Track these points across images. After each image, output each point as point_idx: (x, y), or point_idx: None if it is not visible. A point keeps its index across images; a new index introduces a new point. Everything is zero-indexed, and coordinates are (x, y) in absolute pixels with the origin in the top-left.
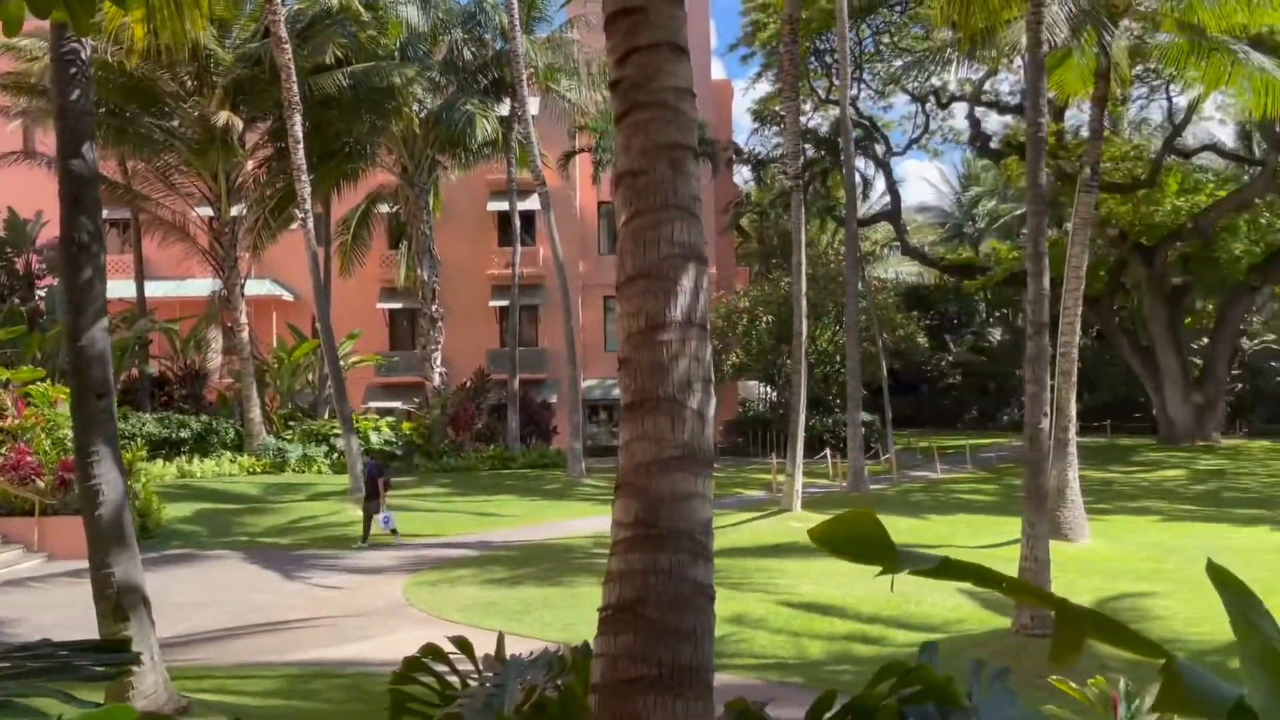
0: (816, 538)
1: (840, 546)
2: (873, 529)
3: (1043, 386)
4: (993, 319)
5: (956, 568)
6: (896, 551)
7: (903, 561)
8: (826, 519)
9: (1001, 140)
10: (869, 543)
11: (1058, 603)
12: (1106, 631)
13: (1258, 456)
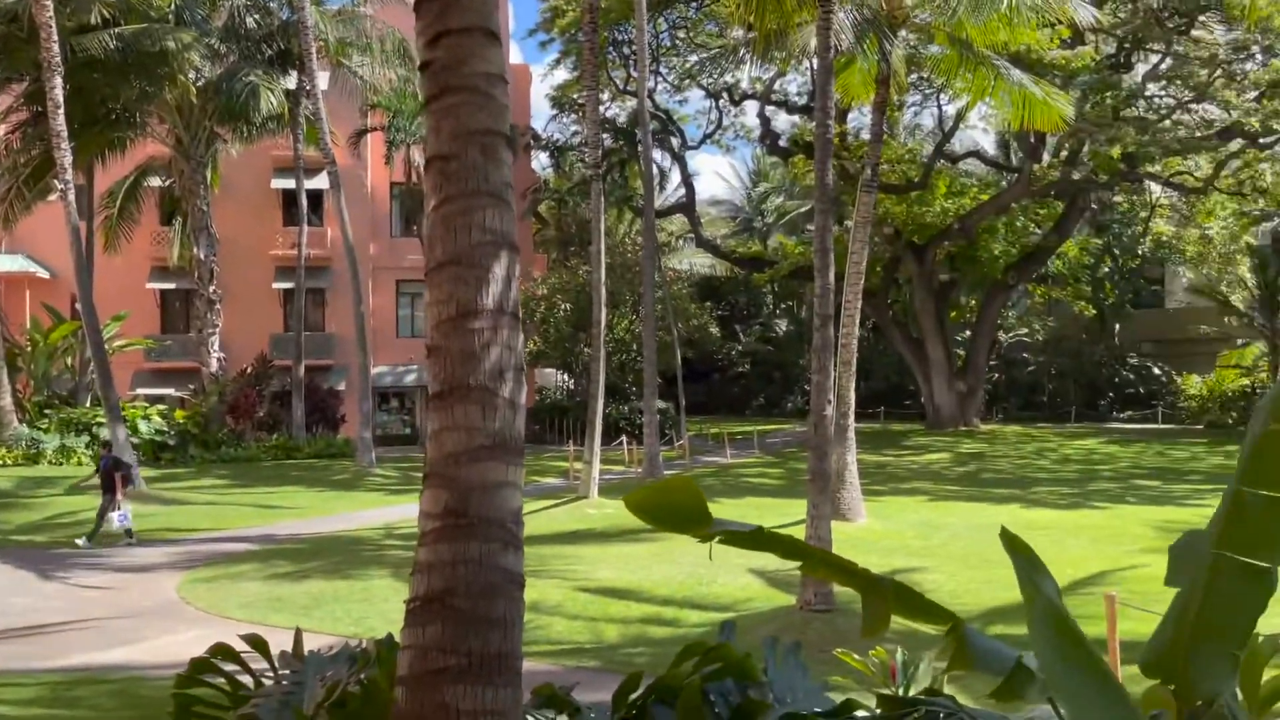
0: (633, 506)
1: (657, 515)
2: (690, 496)
3: (827, 375)
4: (779, 310)
5: (769, 538)
6: (713, 519)
7: (718, 528)
8: (647, 486)
9: (790, 139)
10: (686, 510)
11: (863, 575)
12: (904, 601)
13: (1011, 440)
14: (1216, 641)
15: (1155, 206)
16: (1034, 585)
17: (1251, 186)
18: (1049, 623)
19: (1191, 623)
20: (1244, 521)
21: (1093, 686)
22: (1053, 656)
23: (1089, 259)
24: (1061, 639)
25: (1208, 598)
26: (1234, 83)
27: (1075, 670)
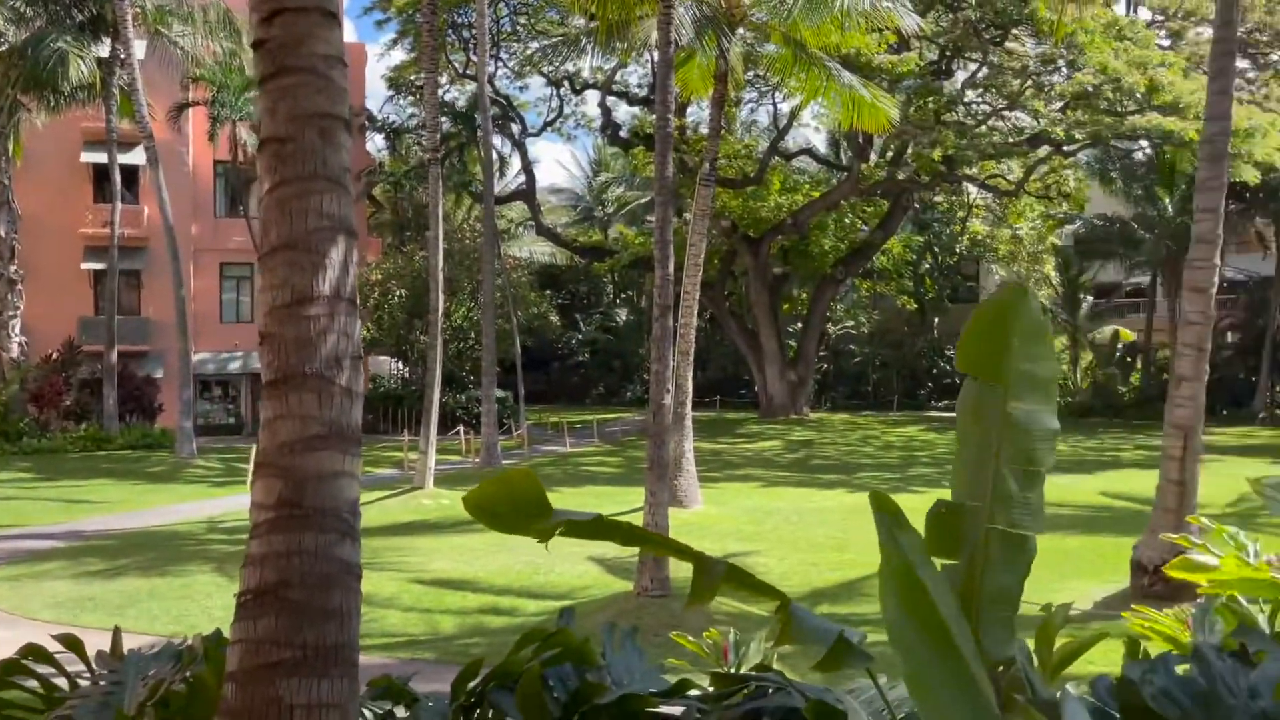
0: (472, 504)
1: (496, 510)
2: (530, 489)
3: (666, 365)
4: (620, 300)
5: (608, 526)
6: (552, 510)
7: (558, 519)
8: (486, 481)
9: (630, 130)
10: (526, 503)
11: (695, 555)
12: (734, 580)
13: (838, 428)
14: (997, 609)
15: (972, 207)
16: (894, 543)
17: (1057, 191)
18: (901, 578)
19: (977, 594)
20: (1006, 496)
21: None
22: (898, 608)
23: (911, 256)
24: (910, 593)
25: (987, 568)
26: (1042, 93)
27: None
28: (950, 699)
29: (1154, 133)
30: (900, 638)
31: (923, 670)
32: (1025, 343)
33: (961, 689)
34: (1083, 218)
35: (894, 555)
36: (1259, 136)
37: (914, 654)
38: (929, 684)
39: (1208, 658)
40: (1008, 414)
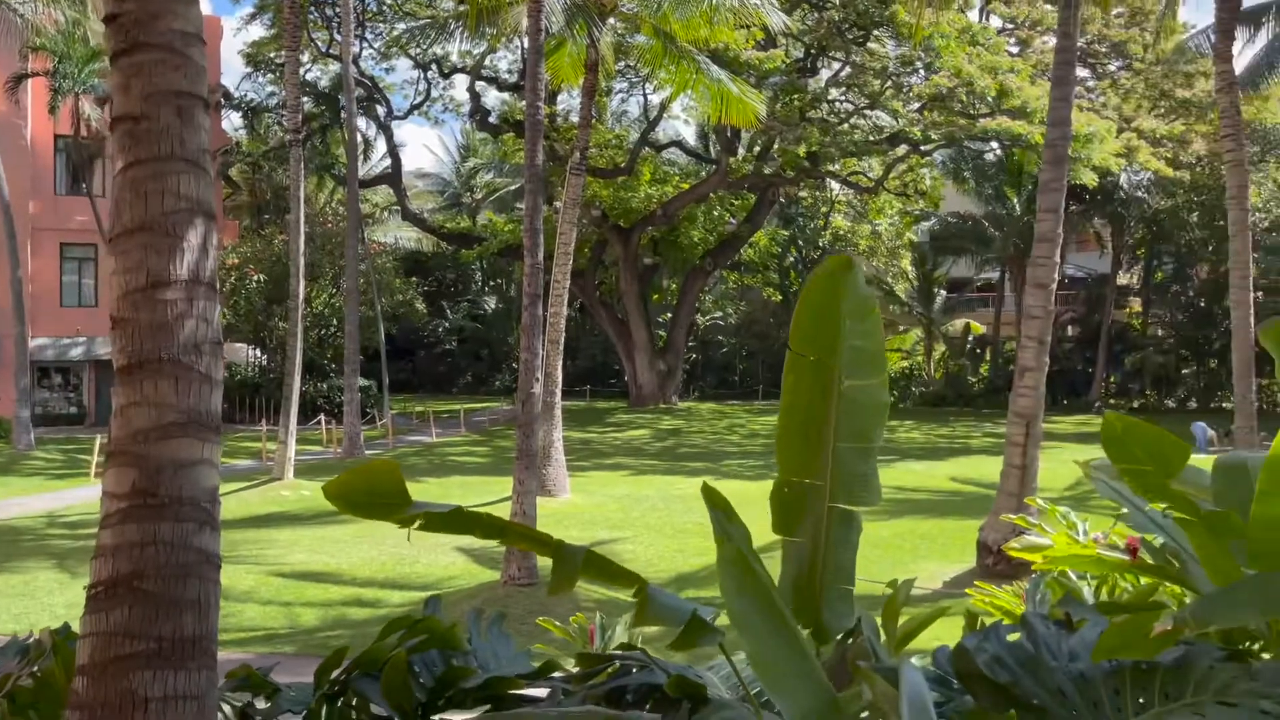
0: (332, 493)
1: (357, 500)
2: (391, 481)
3: (535, 354)
4: (488, 288)
5: (468, 517)
6: (412, 502)
7: (417, 510)
8: (344, 473)
9: (500, 116)
10: (386, 495)
11: (555, 544)
12: (594, 566)
13: (706, 417)
14: (836, 582)
15: (834, 203)
16: (726, 535)
17: (914, 189)
18: (735, 565)
19: (820, 569)
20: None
21: (770, 621)
22: (736, 593)
23: (777, 249)
24: (745, 579)
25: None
26: (901, 94)
27: (753, 605)
28: (787, 672)
29: (1003, 135)
30: (739, 619)
31: (762, 648)
32: (855, 319)
33: (796, 663)
34: (937, 215)
35: (726, 545)
36: (1097, 142)
37: (753, 633)
38: (768, 660)
39: (1034, 626)
40: (842, 392)
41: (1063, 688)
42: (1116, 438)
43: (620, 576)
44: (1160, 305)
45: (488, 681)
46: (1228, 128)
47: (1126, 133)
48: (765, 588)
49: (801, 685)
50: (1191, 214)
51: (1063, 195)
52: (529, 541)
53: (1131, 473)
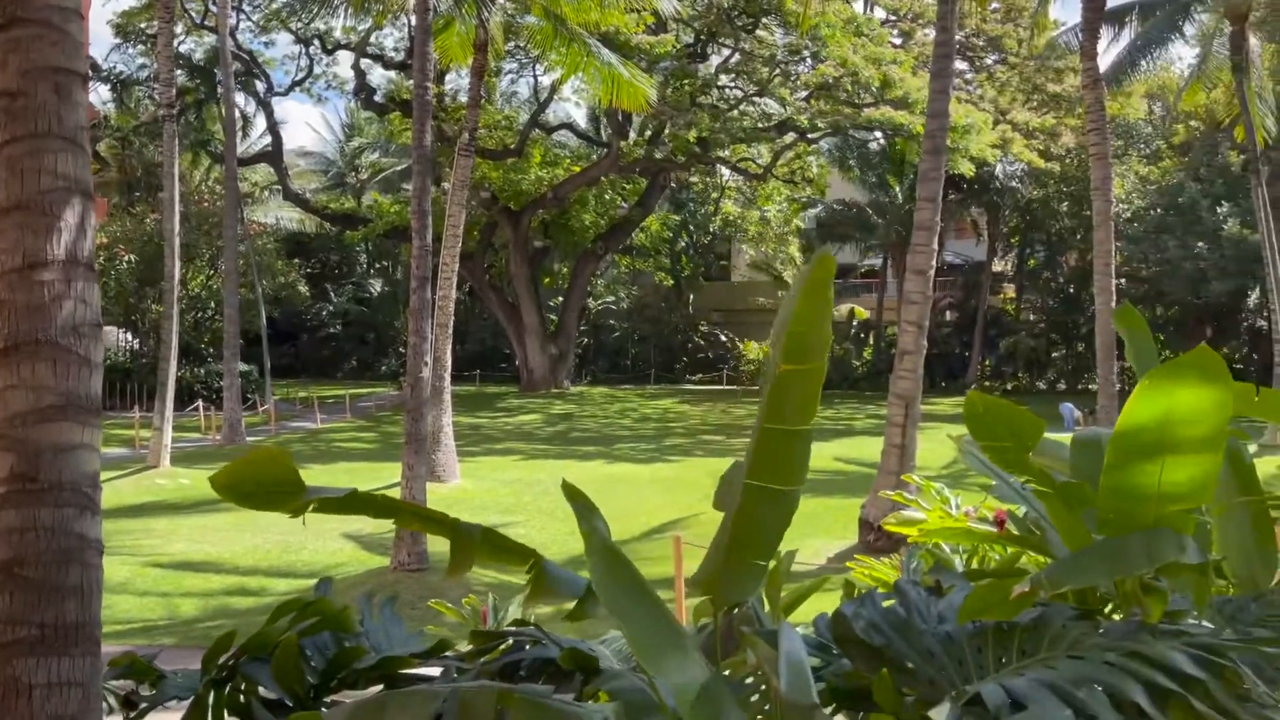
0: (220, 484)
1: (246, 491)
2: (282, 469)
3: (424, 337)
4: (374, 270)
5: (363, 500)
6: (305, 488)
7: (311, 496)
8: (233, 461)
9: (386, 95)
10: (277, 483)
11: (450, 522)
12: (491, 544)
13: (598, 401)
14: (747, 555)
15: (724, 189)
16: (590, 525)
17: (801, 176)
18: (603, 555)
19: (728, 541)
20: (767, 454)
21: (639, 604)
22: (607, 582)
23: (669, 234)
24: (613, 568)
25: (740, 519)
26: (789, 82)
27: (624, 591)
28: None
29: (886, 125)
30: (613, 606)
31: (637, 629)
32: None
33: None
34: (824, 202)
35: (593, 536)
36: (974, 133)
37: (627, 618)
38: (644, 642)
39: (906, 592)
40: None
41: (931, 648)
42: (978, 415)
43: (515, 552)
44: (1032, 291)
45: (380, 661)
46: (1093, 122)
47: (1002, 125)
48: (633, 574)
49: (676, 661)
50: (1061, 204)
51: (941, 184)
52: (423, 522)
53: (993, 449)
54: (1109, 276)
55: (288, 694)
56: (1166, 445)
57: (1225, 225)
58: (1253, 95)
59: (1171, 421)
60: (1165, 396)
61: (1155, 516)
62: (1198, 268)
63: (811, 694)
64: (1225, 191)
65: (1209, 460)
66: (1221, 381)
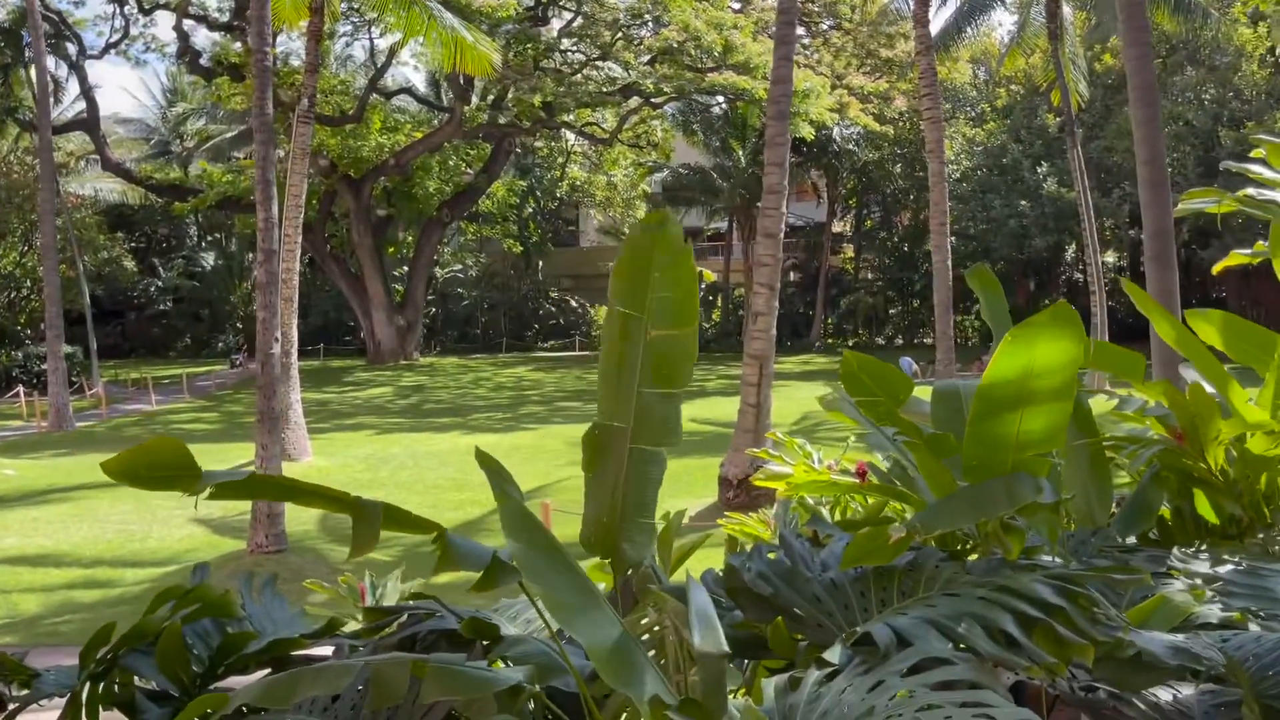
0: (114, 470)
1: (140, 475)
2: (177, 454)
3: (273, 312)
4: (205, 243)
5: (262, 482)
6: (202, 473)
7: (208, 480)
8: (126, 450)
9: (212, 58)
10: (173, 466)
11: (350, 500)
12: (393, 519)
13: (450, 372)
14: (635, 516)
15: (570, 153)
16: (504, 492)
17: (647, 140)
18: (517, 518)
19: (620, 505)
20: (644, 416)
21: (555, 566)
22: (523, 546)
23: (515, 199)
24: (528, 531)
25: (627, 481)
26: (632, 46)
27: (541, 554)
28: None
29: (729, 89)
30: (529, 569)
31: (553, 592)
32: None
33: (585, 600)
34: (669, 166)
35: (506, 500)
36: (814, 98)
37: (543, 580)
38: (560, 601)
39: (790, 543)
40: (649, 341)
41: (818, 594)
42: (853, 374)
43: (419, 525)
44: (870, 250)
45: (270, 644)
46: (926, 87)
47: (839, 89)
48: (548, 536)
49: (592, 619)
50: (895, 165)
51: (787, 149)
52: (324, 501)
53: (866, 403)
54: (944, 235)
55: (173, 683)
56: (1025, 396)
57: (1045, 184)
58: (1067, 61)
59: (1031, 374)
60: (1026, 351)
61: (1014, 462)
62: (1021, 225)
63: (723, 644)
64: (1044, 152)
65: (1062, 409)
66: (1076, 334)
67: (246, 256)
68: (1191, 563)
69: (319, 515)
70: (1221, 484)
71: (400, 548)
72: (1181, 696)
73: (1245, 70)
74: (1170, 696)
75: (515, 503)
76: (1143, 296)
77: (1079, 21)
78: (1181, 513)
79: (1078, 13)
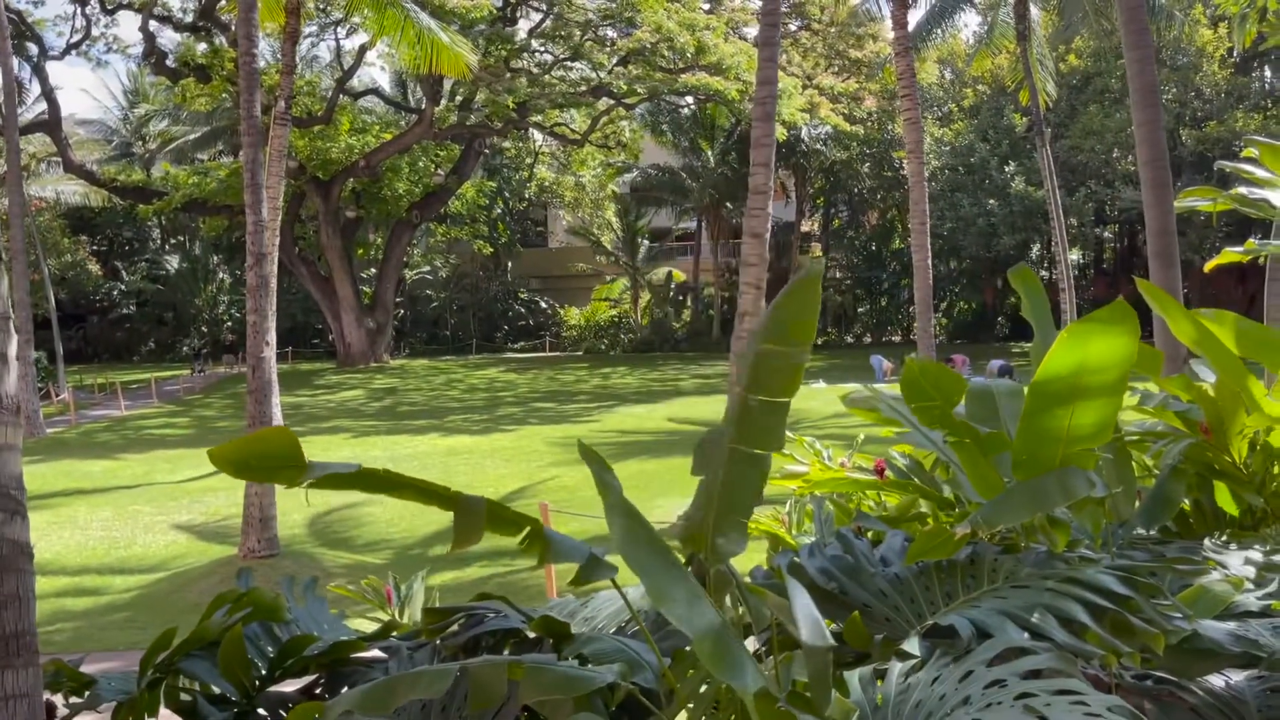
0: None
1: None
2: (287, 445)
3: (264, 316)
4: (169, 246)
5: (369, 475)
6: (309, 464)
7: (314, 472)
8: (236, 439)
9: (178, 59)
10: (281, 458)
11: (453, 495)
12: (494, 516)
13: (421, 374)
14: (732, 514)
15: (538, 154)
16: (605, 484)
17: (616, 141)
18: (621, 511)
19: (716, 503)
20: (749, 421)
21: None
22: (627, 538)
23: (485, 200)
24: (631, 523)
25: (726, 480)
26: (603, 47)
27: (644, 547)
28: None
29: (702, 90)
30: (633, 561)
31: (657, 582)
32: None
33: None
34: (639, 167)
35: (609, 493)
36: (786, 98)
37: (647, 572)
38: (664, 592)
39: (850, 540)
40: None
41: (883, 589)
42: (914, 379)
43: (518, 522)
44: (838, 250)
45: (332, 647)
46: (905, 88)
47: (809, 89)
48: (649, 529)
49: (697, 609)
50: (863, 165)
51: (773, 150)
52: (426, 496)
53: (922, 408)
54: (925, 234)
55: (234, 687)
56: (1078, 391)
57: (1012, 183)
58: (1034, 61)
59: (1086, 370)
60: (1081, 347)
61: (1063, 456)
62: (989, 223)
63: (827, 637)
64: (1010, 151)
65: (1113, 404)
66: (1132, 332)
67: (211, 259)
68: (1224, 553)
69: (306, 519)
70: (1245, 476)
71: (390, 550)
72: (1234, 682)
73: (1206, 70)
74: (1223, 683)
75: (620, 497)
76: (1158, 294)
77: (1045, 23)
78: (1200, 505)
79: (1044, 14)
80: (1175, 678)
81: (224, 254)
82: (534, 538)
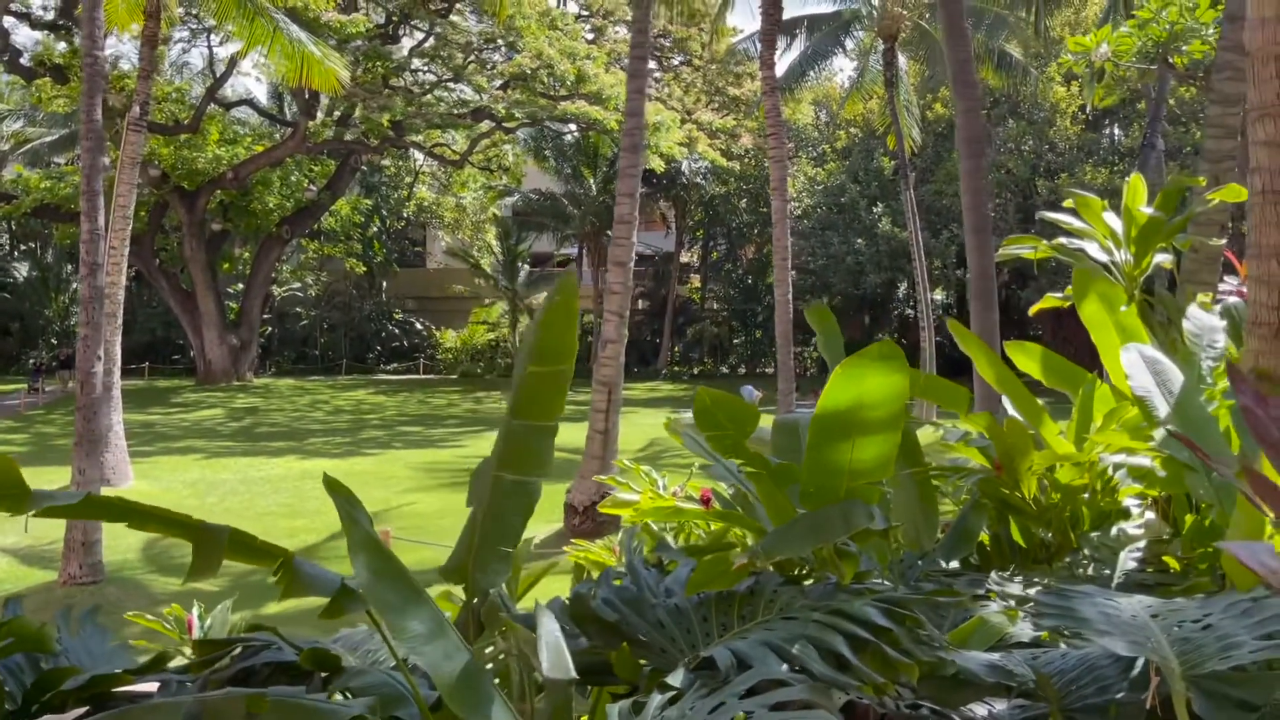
0: None
1: None
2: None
3: (97, 329)
4: (18, 253)
5: (98, 504)
6: (31, 492)
7: (39, 501)
8: None
9: (34, 58)
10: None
11: (195, 524)
12: (239, 544)
13: (286, 394)
14: (495, 545)
15: (419, 174)
16: (352, 519)
17: (498, 164)
18: (365, 546)
19: (478, 532)
20: (513, 446)
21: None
22: (369, 575)
23: (360, 218)
24: (375, 559)
25: (489, 510)
26: (485, 70)
27: (388, 582)
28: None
29: (581, 118)
30: (377, 599)
31: (399, 618)
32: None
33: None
34: (520, 191)
35: (356, 529)
36: (664, 130)
37: (389, 606)
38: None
39: (636, 570)
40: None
41: (662, 620)
42: (706, 409)
43: (266, 551)
44: (715, 281)
45: (91, 680)
46: (772, 126)
47: (688, 124)
48: (396, 564)
49: (439, 647)
50: (740, 200)
51: (639, 181)
52: (165, 525)
53: (715, 437)
54: (786, 270)
55: None
56: (856, 426)
57: (880, 224)
58: (901, 107)
59: (861, 405)
60: (856, 383)
61: (847, 489)
62: (857, 261)
63: (570, 670)
64: (879, 193)
65: (891, 439)
66: (901, 369)
67: (65, 268)
68: (1007, 585)
69: (141, 543)
70: (1034, 511)
71: (229, 577)
72: (996, 711)
73: (1059, 125)
74: (986, 712)
75: (363, 530)
76: (965, 334)
77: (913, 71)
78: (999, 538)
79: (912, 63)
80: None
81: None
82: (285, 568)
